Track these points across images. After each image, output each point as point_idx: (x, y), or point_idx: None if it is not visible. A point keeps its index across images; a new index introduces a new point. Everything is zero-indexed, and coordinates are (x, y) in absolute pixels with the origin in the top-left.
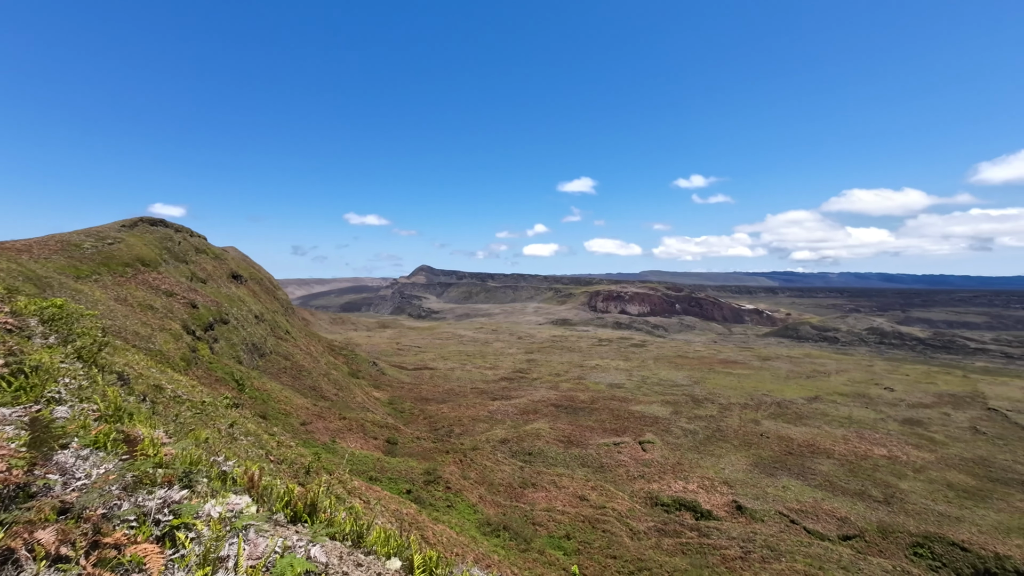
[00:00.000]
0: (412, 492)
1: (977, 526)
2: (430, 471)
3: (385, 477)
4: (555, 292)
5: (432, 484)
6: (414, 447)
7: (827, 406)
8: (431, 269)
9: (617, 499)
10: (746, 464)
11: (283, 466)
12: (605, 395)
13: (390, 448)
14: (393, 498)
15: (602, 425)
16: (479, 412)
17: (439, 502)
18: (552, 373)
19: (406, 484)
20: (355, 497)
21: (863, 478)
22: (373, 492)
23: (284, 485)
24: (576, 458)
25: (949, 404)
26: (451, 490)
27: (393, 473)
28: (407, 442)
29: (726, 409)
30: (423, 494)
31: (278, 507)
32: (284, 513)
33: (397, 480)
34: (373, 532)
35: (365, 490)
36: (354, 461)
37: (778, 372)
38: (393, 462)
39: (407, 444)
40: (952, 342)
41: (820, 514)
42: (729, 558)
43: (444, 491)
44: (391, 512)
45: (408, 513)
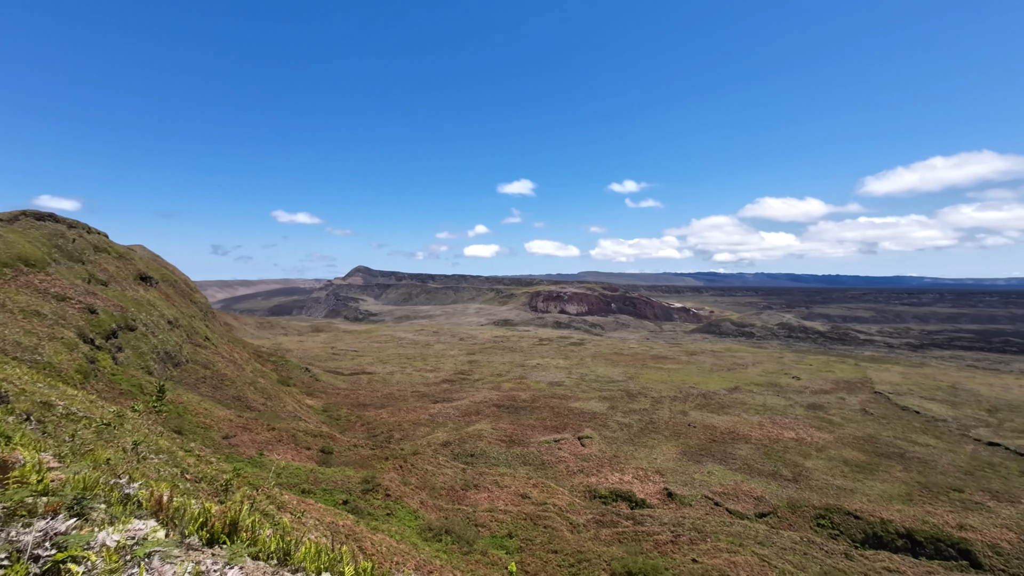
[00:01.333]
0: (349, 502)
1: (867, 496)
2: (368, 479)
3: (319, 489)
4: (497, 293)
5: (371, 492)
6: (351, 455)
7: (745, 396)
8: (368, 270)
9: (558, 494)
10: (676, 453)
11: (202, 484)
12: (546, 393)
13: (325, 458)
14: (328, 510)
15: (543, 423)
16: (420, 416)
17: (378, 511)
18: (494, 374)
19: (342, 494)
20: (285, 512)
21: (775, 460)
22: (306, 505)
23: (200, 505)
24: (518, 457)
25: (844, 390)
26: (391, 497)
27: (328, 484)
28: (343, 450)
29: (658, 402)
30: (361, 504)
31: (192, 529)
32: (199, 535)
33: (333, 491)
34: (302, 548)
35: (297, 504)
36: (284, 474)
37: (703, 366)
38: (328, 472)
39: (343, 453)
40: (846, 335)
41: (740, 495)
42: (661, 543)
43: (383, 499)
44: (325, 525)
45: (345, 525)
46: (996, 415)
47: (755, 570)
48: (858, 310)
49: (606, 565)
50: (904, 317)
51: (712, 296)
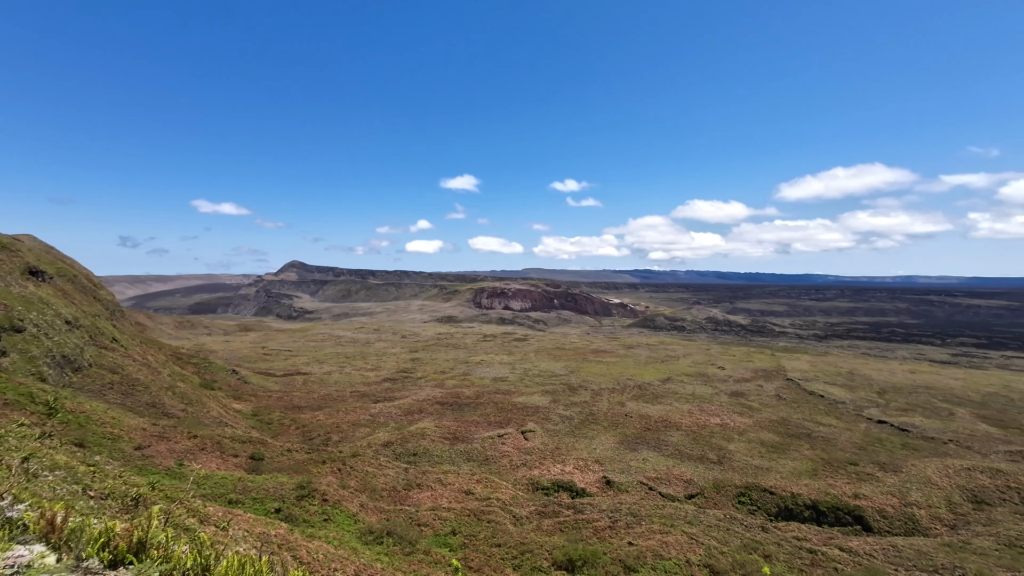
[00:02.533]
0: (282, 510)
1: (780, 473)
2: (303, 485)
3: (249, 498)
4: (440, 289)
5: (306, 499)
6: (284, 461)
7: (677, 386)
8: (304, 265)
9: (501, 489)
10: (614, 443)
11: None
12: (490, 389)
13: (255, 465)
14: (259, 519)
15: (487, 419)
16: (360, 416)
17: (314, 517)
18: (438, 371)
19: (275, 502)
20: (208, 525)
21: (703, 444)
22: (233, 516)
23: (102, 524)
24: (462, 453)
25: (762, 377)
26: (328, 502)
27: (259, 492)
28: (276, 456)
29: (597, 394)
30: (295, 511)
31: (90, 551)
32: (100, 557)
33: (264, 499)
34: (223, 562)
35: (223, 515)
36: (208, 484)
37: (639, 358)
38: (259, 480)
39: (276, 458)
40: (764, 327)
41: (671, 479)
42: (600, 528)
43: (320, 504)
44: (255, 536)
45: (277, 534)
46: (884, 396)
47: (684, 547)
48: (774, 305)
49: (548, 554)
50: (812, 311)
51: (648, 292)
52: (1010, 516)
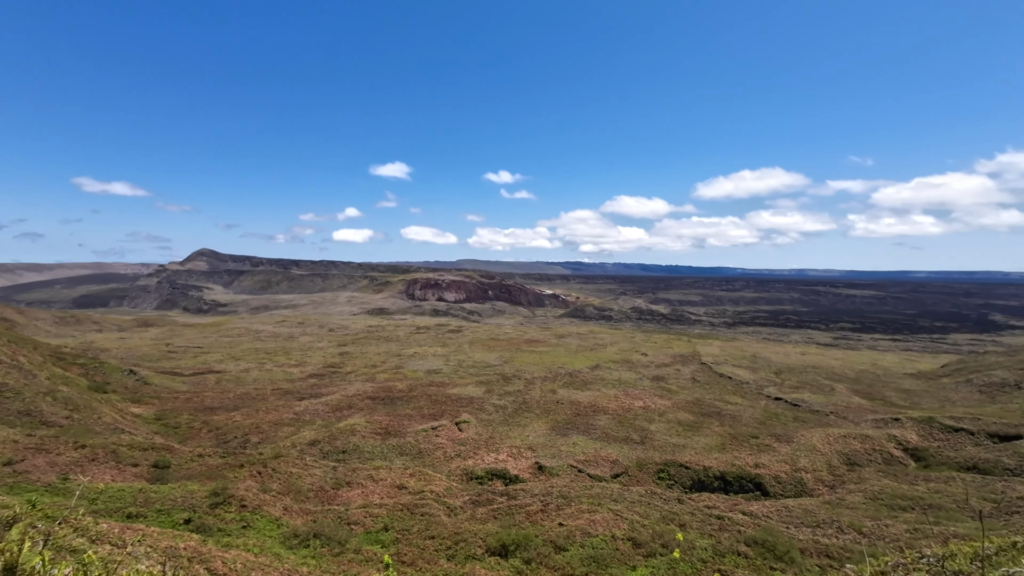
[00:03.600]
0: (193, 520)
1: (694, 449)
2: (218, 491)
3: (152, 510)
4: (371, 280)
5: (221, 506)
6: (195, 467)
7: (604, 372)
8: (216, 254)
9: (435, 481)
10: (546, 429)
11: None
12: (423, 382)
13: (159, 474)
14: (166, 532)
15: (420, 412)
16: (283, 415)
17: (231, 525)
18: (368, 365)
19: (184, 512)
20: (102, 544)
21: (628, 426)
22: (134, 531)
23: None
24: (394, 448)
25: (680, 362)
26: (247, 508)
27: (165, 503)
28: (185, 462)
29: (530, 383)
30: (209, 520)
31: None
32: None
33: (171, 510)
34: None
35: (120, 532)
36: (101, 498)
37: (570, 347)
38: (164, 490)
39: (185, 465)
40: (682, 316)
41: (599, 461)
42: (532, 513)
43: (238, 511)
44: (161, 550)
45: (188, 547)
46: (780, 376)
47: (610, 524)
48: (691, 295)
49: (481, 542)
50: (723, 301)
51: (578, 283)
52: (875, 474)
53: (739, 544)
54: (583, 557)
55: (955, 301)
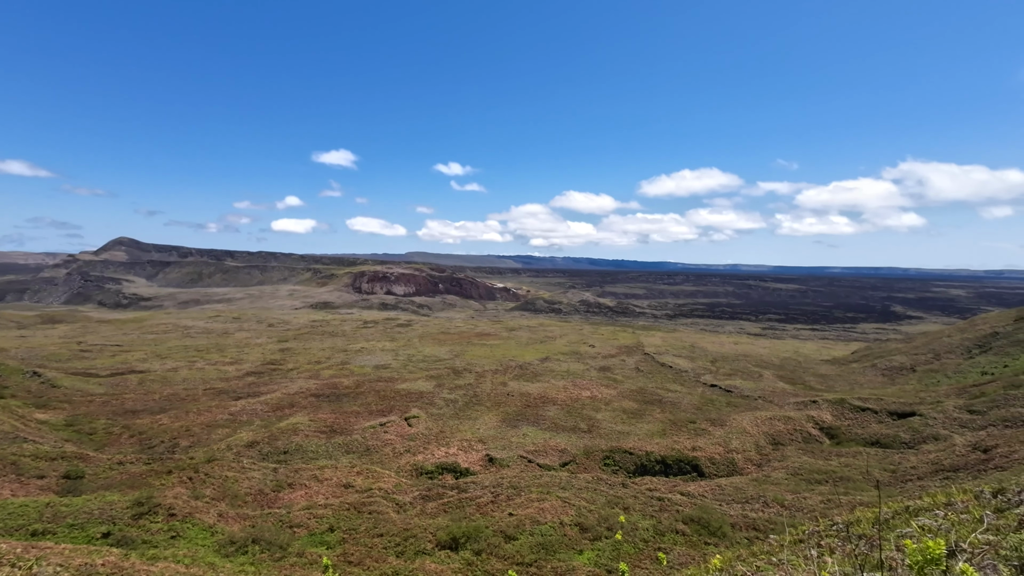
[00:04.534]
0: (113, 534)
1: (637, 436)
2: (142, 501)
3: (63, 525)
4: (314, 273)
5: (146, 516)
6: (115, 476)
7: (554, 364)
8: (137, 243)
9: (383, 478)
10: (496, 421)
11: None
12: (371, 377)
13: (71, 485)
14: (79, 549)
15: (368, 408)
16: (216, 416)
17: (158, 536)
18: (312, 361)
19: (102, 526)
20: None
21: (576, 416)
22: (39, 551)
23: None
24: (340, 446)
25: (625, 353)
26: (176, 517)
27: (78, 517)
28: (102, 471)
29: (481, 376)
30: (132, 532)
31: None
32: None
33: (86, 524)
34: None
35: (23, 551)
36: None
37: (521, 340)
38: (77, 502)
39: (102, 474)
40: (627, 308)
41: (548, 450)
42: (482, 504)
43: (166, 521)
44: (74, 568)
45: (107, 562)
46: (715, 364)
47: (559, 511)
48: (636, 289)
49: (431, 536)
50: (665, 294)
51: (529, 277)
52: (796, 452)
53: (677, 523)
54: (532, 545)
55: (863, 294)
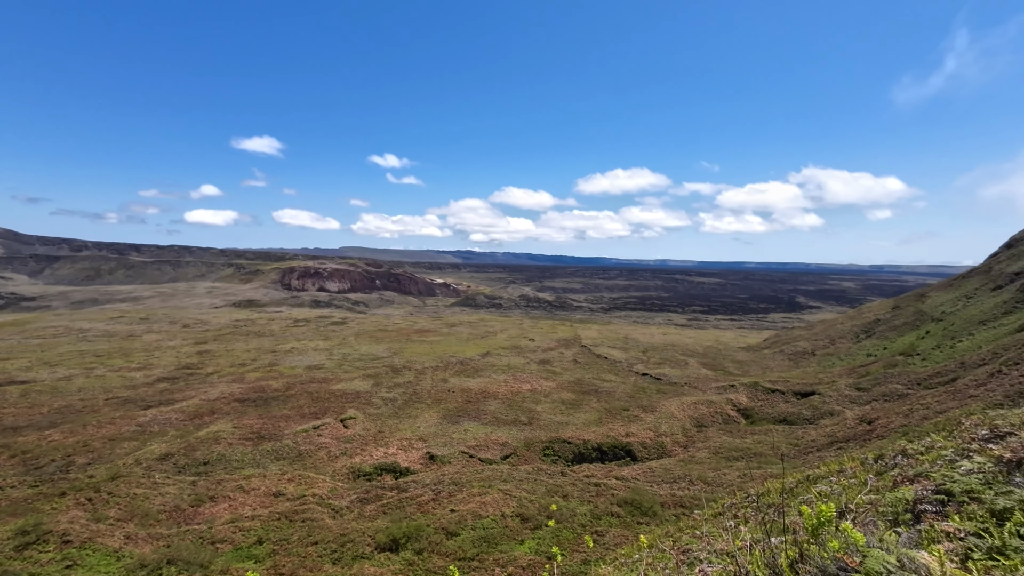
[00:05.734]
0: None
1: (575, 425)
2: (28, 529)
3: None
4: (237, 268)
5: (34, 546)
6: None
7: (495, 359)
8: (15, 235)
9: (318, 483)
10: (437, 418)
11: None
12: (303, 378)
13: None
14: None
15: (300, 411)
16: (121, 428)
17: (51, 567)
18: (235, 364)
19: None
20: None
21: (516, 409)
22: None
23: None
24: (269, 453)
25: (563, 346)
26: (72, 544)
27: None
28: None
29: (421, 374)
30: (16, 566)
31: None
32: None
33: None
34: None
35: None
36: None
37: (461, 336)
38: None
39: None
40: (565, 303)
41: (489, 444)
42: (424, 503)
43: (59, 549)
44: None
45: None
46: (646, 354)
47: (500, 504)
48: (573, 283)
49: (370, 539)
50: (600, 288)
51: (469, 272)
52: (716, 433)
53: (613, 506)
54: (474, 539)
55: (773, 287)
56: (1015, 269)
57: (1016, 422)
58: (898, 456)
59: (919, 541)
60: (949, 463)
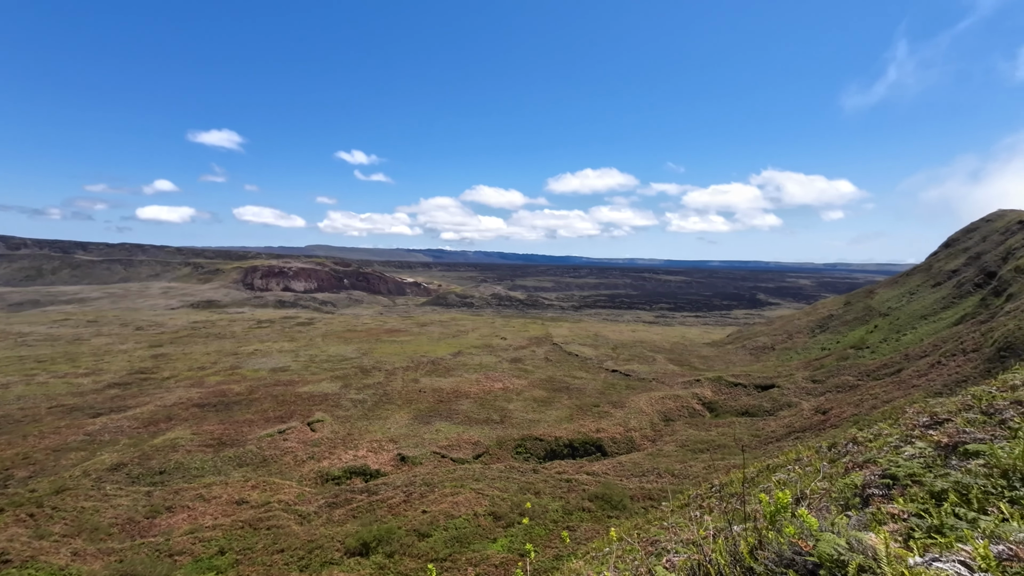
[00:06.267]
0: None
1: (547, 423)
2: None
3: None
4: (195, 268)
5: None
6: None
7: (466, 358)
8: None
9: (284, 489)
10: (408, 419)
11: None
12: (267, 381)
13: None
14: None
15: (264, 415)
16: (67, 438)
17: None
18: (194, 367)
19: None
20: None
21: (488, 408)
22: None
23: None
24: (231, 460)
25: (535, 344)
26: (11, 563)
27: None
28: None
29: (391, 374)
30: None
31: None
32: None
33: None
34: None
35: None
36: None
37: (432, 335)
38: None
39: None
40: (537, 301)
41: (461, 444)
42: (395, 505)
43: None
44: None
45: None
46: (616, 351)
47: (472, 503)
48: (544, 282)
49: (340, 544)
50: (571, 287)
51: (440, 271)
52: (683, 426)
53: (584, 501)
54: (447, 539)
55: (736, 285)
56: (952, 267)
57: (953, 409)
58: (849, 444)
59: (867, 523)
60: (894, 449)
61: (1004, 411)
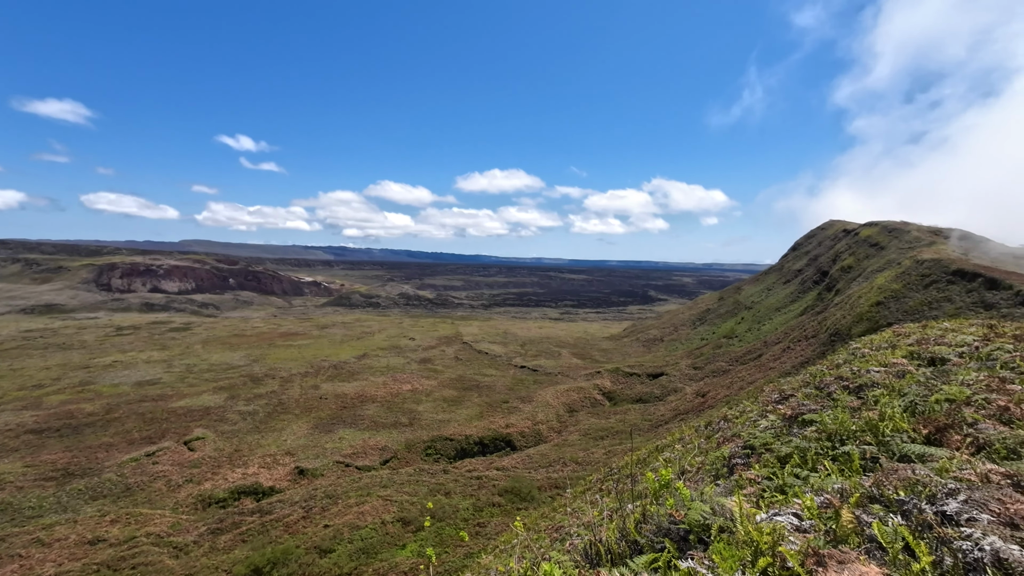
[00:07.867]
0: None
1: (457, 422)
2: None
3: None
4: (27, 265)
5: None
6: None
7: (372, 360)
8: None
9: (153, 520)
10: (308, 428)
11: None
12: (130, 398)
13: None
14: None
15: (127, 437)
16: None
17: None
18: (27, 386)
19: None
20: None
21: (396, 411)
22: None
23: None
24: (81, 493)
25: (445, 343)
26: None
27: None
28: None
29: (287, 381)
30: None
31: None
32: None
33: None
34: None
35: None
36: None
37: (335, 337)
38: None
39: None
40: (446, 300)
41: (367, 450)
42: (292, 523)
43: None
44: None
45: None
46: (524, 347)
47: (380, 510)
48: (454, 281)
49: (226, 573)
50: (480, 285)
51: (343, 270)
52: (586, 416)
53: (494, 496)
54: (351, 552)
55: (631, 283)
56: (797, 267)
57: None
58: (721, 422)
59: (732, 489)
60: (753, 423)
61: (830, 385)
